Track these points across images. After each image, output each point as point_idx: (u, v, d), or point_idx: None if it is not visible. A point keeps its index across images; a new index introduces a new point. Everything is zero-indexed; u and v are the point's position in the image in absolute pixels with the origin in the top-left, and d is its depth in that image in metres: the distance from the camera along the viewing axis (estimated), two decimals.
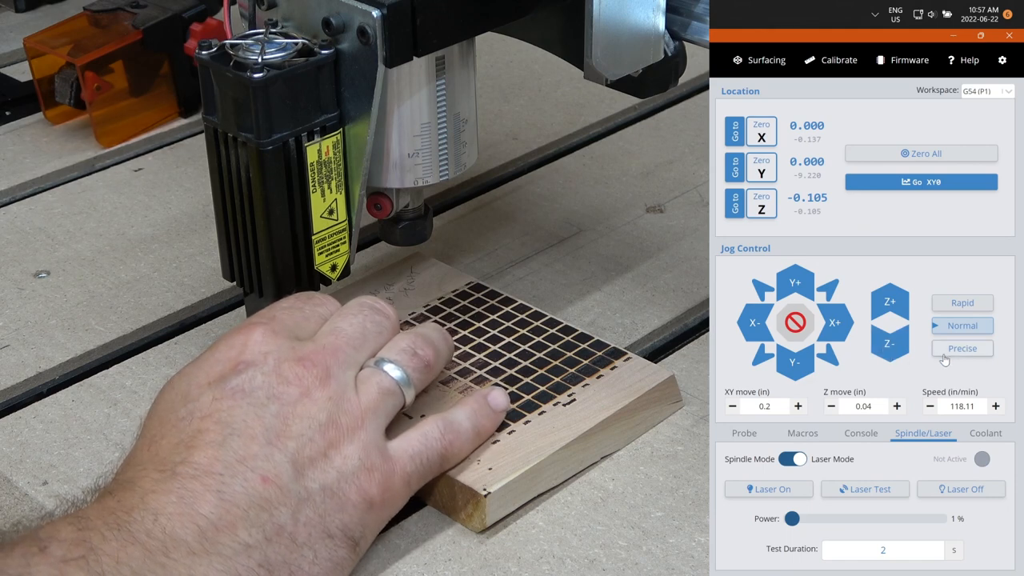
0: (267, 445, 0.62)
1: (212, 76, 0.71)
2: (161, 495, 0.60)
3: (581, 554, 0.66)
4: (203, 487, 0.60)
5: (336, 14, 0.69)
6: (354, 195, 0.73)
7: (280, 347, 0.65)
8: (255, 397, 0.63)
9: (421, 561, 0.66)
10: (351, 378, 0.66)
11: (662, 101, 1.08)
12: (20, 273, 0.89)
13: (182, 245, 0.91)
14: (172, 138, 1.04)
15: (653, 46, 0.75)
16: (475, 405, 0.70)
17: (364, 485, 0.64)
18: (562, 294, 0.85)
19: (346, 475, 0.63)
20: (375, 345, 0.69)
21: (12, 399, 0.78)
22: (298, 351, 0.65)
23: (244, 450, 0.62)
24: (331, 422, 0.64)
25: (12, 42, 1.16)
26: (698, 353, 0.80)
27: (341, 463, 0.63)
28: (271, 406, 0.63)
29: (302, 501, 0.62)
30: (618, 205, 0.95)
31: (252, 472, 0.61)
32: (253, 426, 0.62)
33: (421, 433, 0.67)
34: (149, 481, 0.61)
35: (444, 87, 0.74)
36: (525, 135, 1.04)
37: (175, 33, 1.02)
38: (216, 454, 0.61)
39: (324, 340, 0.67)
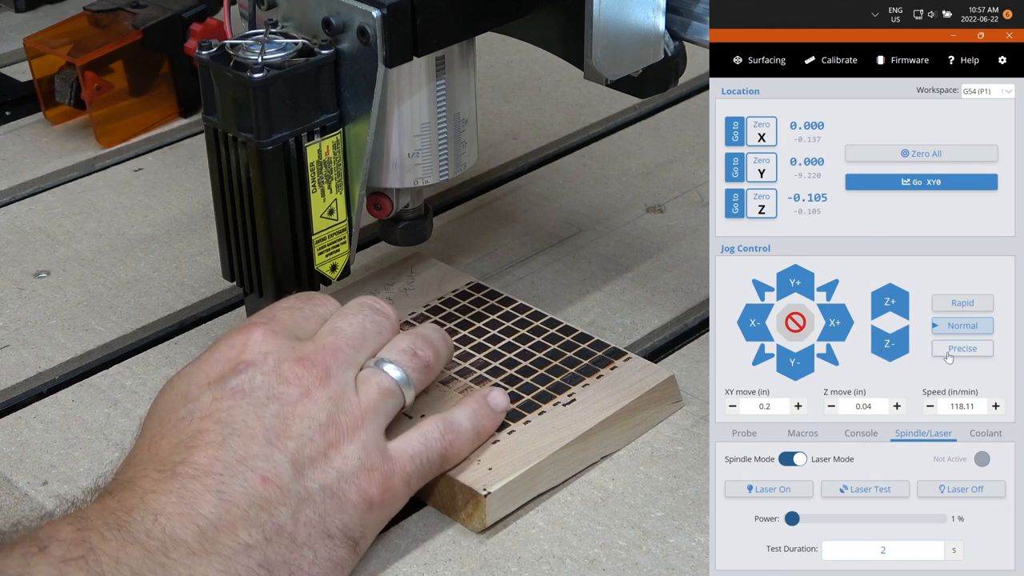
0: (267, 445, 0.62)
1: (212, 76, 0.71)
2: (161, 495, 0.60)
3: (581, 554, 0.66)
4: (203, 487, 0.60)
5: (336, 14, 0.69)
6: (354, 195, 0.73)
7: (280, 347, 0.65)
8: (255, 397, 0.63)
9: (421, 561, 0.66)
10: (351, 378, 0.66)
11: (662, 101, 1.08)
12: (20, 273, 0.89)
13: (182, 245, 0.91)
14: (172, 138, 1.04)
15: (653, 46, 0.75)
16: (475, 405, 0.70)
17: (364, 485, 0.64)
18: (562, 294, 0.85)
19: (346, 475, 0.63)
20: (375, 345, 0.68)
21: (12, 399, 0.78)
22: (298, 351, 0.65)
23: (244, 450, 0.62)
24: (331, 422, 0.64)
25: (12, 42, 1.16)
26: (698, 353, 0.80)
27: (341, 463, 0.63)
28: (271, 406, 0.63)
29: (302, 501, 0.62)
30: (618, 205, 0.95)
31: (252, 472, 0.61)
32: (253, 426, 0.62)
33: (421, 433, 0.67)
34: (149, 481, 0.60)
35: (444, 87, 0.74)
36: (525, 135, 1.04)
37: (175, 33, 1.02)
38: (216, 454, 0.61)
39: (324, 340, 0.67)
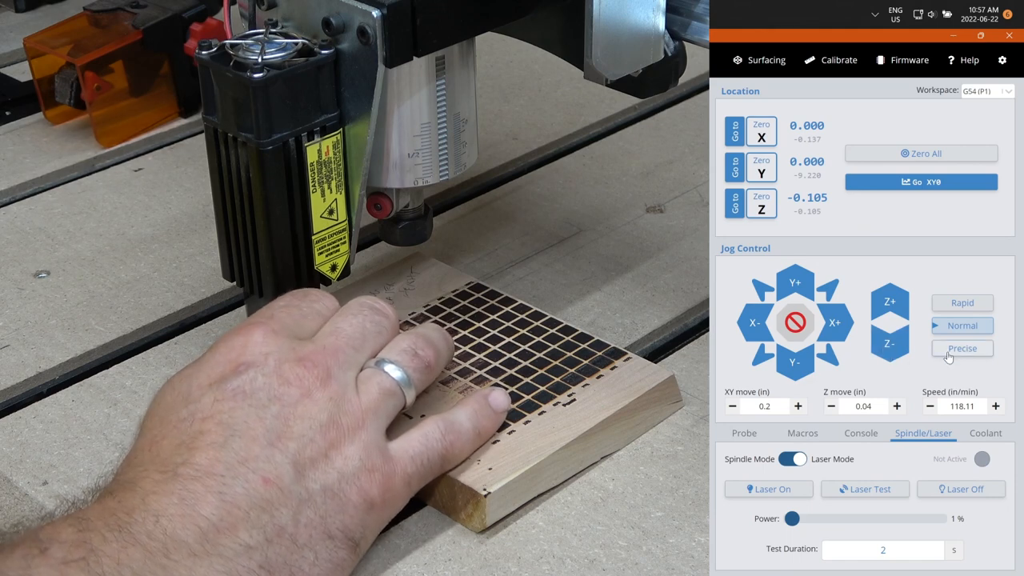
0: (268, 446, 0.62)
1: (212, 76, 0.71)
2: (162, 496, 0.60)
3: (581, 554, 0.66)
4: (204, 488, 0.60)
5: (336, 14, 0.69)
6: (354, 195, 0.73)
7: (280, 347, 0.65)
8: (256, 398, 0.63)
9: (421, 561, 0.66)
10: (352, 378, 0.66)
11: (662, 101, 1.08)
12: (20, 273, 0.89)
13: (182, 245, 0.91)
14: (172, 138, 1.04)
15: (653, 46, 0.75)
16: (476, 406, 0.70)
17: (365, 486, 0.64)
18: (562, 294, 0.85)
19: (347, 476, 0.63)
20: (375, 345, 0.68)
21: (12, 399, 0.78)
22: (299, 351, 0.65)
23: (245, 451, 0.62)
24: (332, 422, 0.64)
25: (12, 42, 1.16)
26: (698, 353, 0.80)
27: (342, 464, 0.63)
28: (272, 407, 0.63)
29: (303, 502, 0.62)
30: (618, 205, 0.95)
31: (253, 473, 0.61)
32: (254, 427, 0.62)
33: (422, 434, 0.67)
34: (150, 482, 0.60)
35: (444, 87, 0.74)
36: (525, 135, 1.04)
37: (175, 33, 1.02)
38: (217, 455, 0.61)
39: (324, 340, 0.67)
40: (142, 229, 0.93)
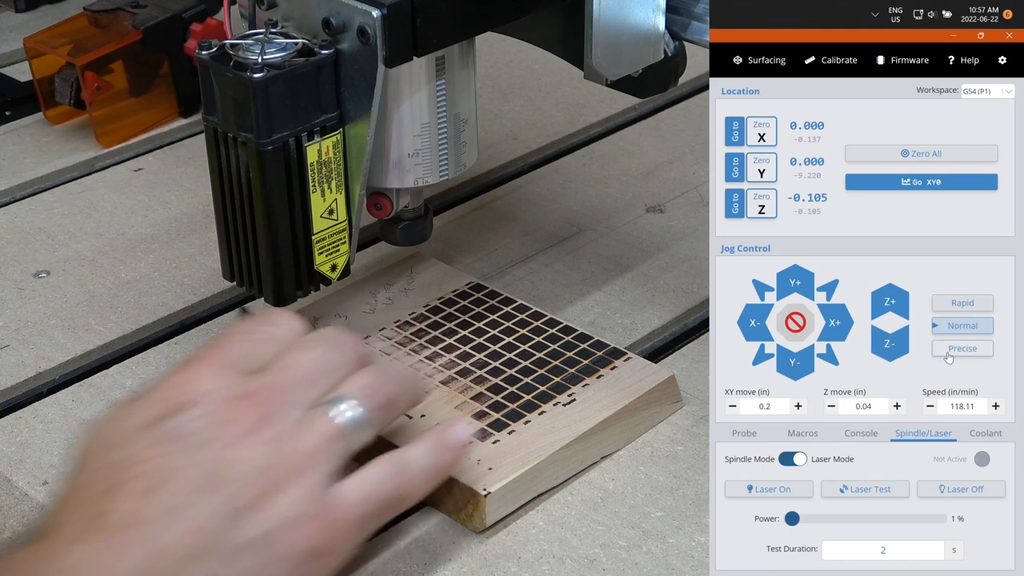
0: (201, 492, 0.58)
1: (212, 76, 0.71)
2: (86, 546, 0.56)
3: (581, 554, 0.66)
4: (128, 540, 0.56)
5: (336, 14, 0.69)
6: (354, 195, 0.73)
7: (225, 384, 0.61)
8: (191, 441, 0.59)
9: (421, 561, 0.66)
10: (300, 417, 0.61)
11: (662, 101, 1.08)
12: (20, 273, 0.89)
13: (182, 245, 0.91)
14: (172, 138, 1.04)
15: (653, 46, 0.75)
16: (433, 441, 0.65)
17: (309, 532, 0.59)
18: (562, 294, 0.85)
19: (288, 522, 0.59)
20: (332, 381, 0.64)
21: (12, 399, 0.78)
22: (245, 387, 0.61)
23: (175, 498, 0.57)
24: (274, 465, 0.59)
25: (12, 42, 1.16)
26: (698, 353, 0.80)
27: (283, 509, 0.59)
28: (208, 449, 0.59)
29: (238, 551, 0.58)
30: (618, 205, 0.95)
31: (183, 522, 0.57)
32: (187, 472, 0.58)
33: (372, 473, 0.63)
34: (74, 530, 0.57)
35: (444, 87, 0.74)
36: (525, 135, 1.04)
37: (175, 33, 1.02)
38: (146, 503, 0.57)
39: (275, 376, 0.62)
40: (142, 229, 0.93)
